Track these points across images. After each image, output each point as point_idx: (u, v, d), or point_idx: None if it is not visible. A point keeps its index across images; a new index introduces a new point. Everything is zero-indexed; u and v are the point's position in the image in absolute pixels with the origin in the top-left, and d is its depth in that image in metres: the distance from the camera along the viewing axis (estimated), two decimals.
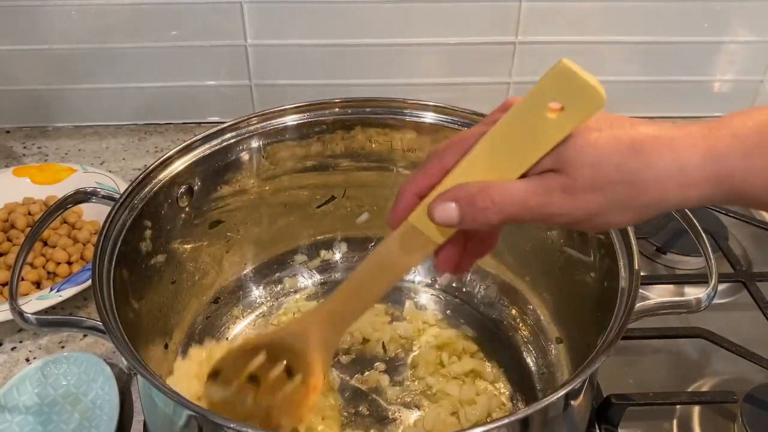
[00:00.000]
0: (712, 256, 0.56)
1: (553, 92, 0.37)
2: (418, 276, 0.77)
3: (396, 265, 0.47)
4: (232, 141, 0.68)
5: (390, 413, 0.63)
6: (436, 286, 0.76)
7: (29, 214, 0.83)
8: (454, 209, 0.41)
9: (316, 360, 0.52)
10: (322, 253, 0.78)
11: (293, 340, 0.53)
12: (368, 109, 0.71)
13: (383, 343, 0.69)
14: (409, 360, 0.68)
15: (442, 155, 0.42)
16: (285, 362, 0.53)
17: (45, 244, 0.79)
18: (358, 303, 0.50)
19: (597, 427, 0.61)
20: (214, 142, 0.67)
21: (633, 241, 0.56)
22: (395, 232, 0.45)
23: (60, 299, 0.71)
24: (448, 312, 0.73)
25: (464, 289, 0.75)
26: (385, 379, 0.66)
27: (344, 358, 0.68)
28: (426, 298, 0.75)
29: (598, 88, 0.37)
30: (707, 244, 0.57)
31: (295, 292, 0.76)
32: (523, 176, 0.40)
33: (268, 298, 0.75)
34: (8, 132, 1.04)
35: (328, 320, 0.51)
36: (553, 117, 0.38)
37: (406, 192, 0.44)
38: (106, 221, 0.57)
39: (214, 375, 0.54)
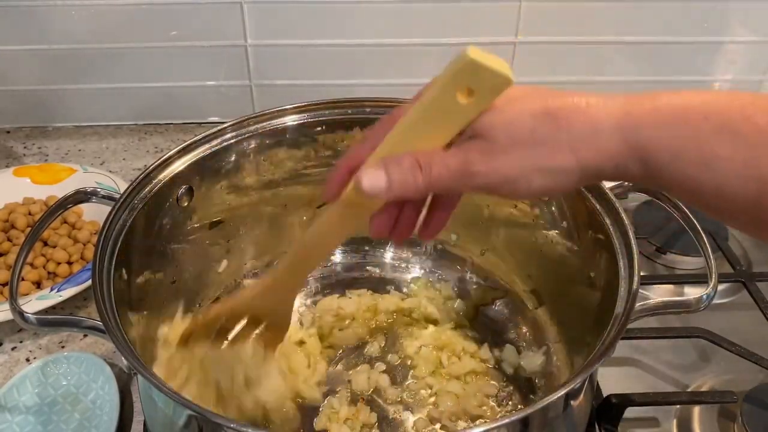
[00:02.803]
0: (712, 256, 0.56)
1: (461, 82, 0.39)
2: (415, 274, 0.77)
3: (334, 233, 0.51)
4: (232, 141, 0.68)
5: (390, 413, 0.63)
6: (436, 287, 0.76)
7: (29, 214, 0.83)
8: (381, 175, 0.42)
9: (276, 312, 0.58)
10: None
11: (251, 303, 0.57)
12: (368, 109, 0.71)
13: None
14: (409, 361, 0.68)
15: (373, 133, 0.45)
16: (247, 317, 0.58)
17: (45, 244, 0.79)
18: (304, 266, 0.55)
19: (597, 427, 0.61)
20: (214, 142, 0.67)
21: (633, 241, 0.56)
22: (332, 205, 0.48)
23: (60, 299, 0.71)
24: (447, 310, 0.73)
25: (463, 288, 0.75)
26: (385, 380, 0.66)
27: (345, 359, 0.68)
28: (425, 297, 0.75)
29: (503, 72, 0.39)
30: (707, 244, 0.57)
31: None
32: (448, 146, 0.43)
33: None
34: (8, 132, 1.04)
35: (279, 284, 0.56)
36: (464, 102, 0.40)
37: (339, 167, 0.47)
38: (106, 221, 0.57)
39: (184, 341, 0.58)
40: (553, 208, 0.67)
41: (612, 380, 0.66)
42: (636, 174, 0.41)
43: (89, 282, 0.65)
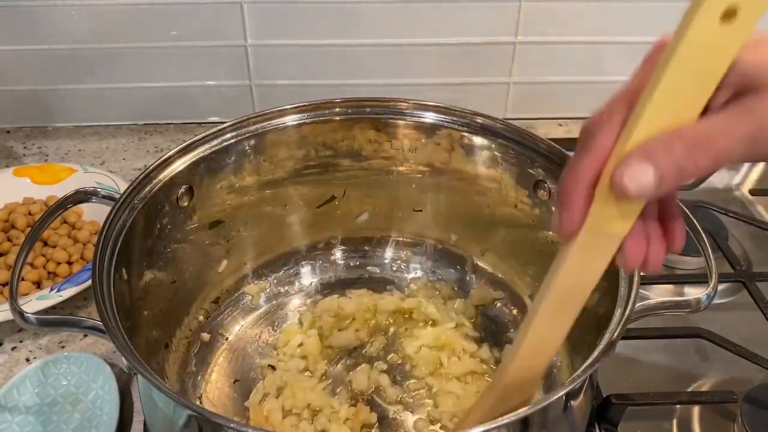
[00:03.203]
0: (712, 256, 0.56)
1: (716, 5, 0.31)
2: (415, 274, 0.77)
3: (581, 284, 0.40)
4: (232, 141, 0.68)
5: (390, 413, 0.63)
6: (436, 287, 0.76)
7: (29, 214, 0.83)
8: (648, 171, 0.32)
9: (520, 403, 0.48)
10: (322, 253, 0.78)
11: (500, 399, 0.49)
12: (368, 109, 0.71)
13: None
14: (409, 361, 0.68)
15: (602, 125, 0.35)
16: None
17: (45, 244, 0.79)
18: (548, 347, 0.45)
19: (597, 427, 0.61)
20: (214, 142, 0.67)
21: None
22: (570, 246, 0.38)
23: (60, 299, 0.71)
24: (447, 310, 0.73)
25: (463, 288, 0.75)
26: (385, 380, 0.66)
27: (345, 359, 0.68)
28: (425, 297, 0.75)
29: None
30: (707, 244, 0.57)
31: (296, 292, 0.76)
32: (705, 113, 0.33)
33: (269, 299, 0.75)
34: (8, 132, 1.04)
35: (518, 383, 0.47)
36: (727, 27, 0.31)
37: (576, 188, 0.35)
38: (106, 221, 0.57)
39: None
40: (554, 208, 0.67)
41: (612, 380, 0.66)
42: None
43: (89, 282, 0.65)
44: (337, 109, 0.71)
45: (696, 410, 0.64)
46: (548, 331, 0.44)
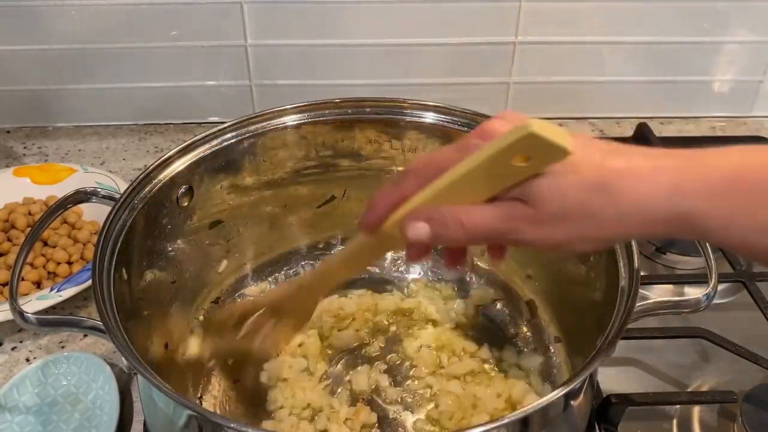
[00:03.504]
0: (712, 256, 0.56)
1: (519, 150, 0.39)
2: (415, 274, 0.77)
3: (365, 257, 0.56)
4: (232, 141, 0.68)
5: (390, 413, 0.63)
6: (437, 287, 0.76)
7: (29, 214, 0.83)
8: (425, 229, 0.44)
9: (296, 314, 0.63)
10: (322, 253, 0.78)
11: (274, 301, 0.63)
12: (368, 109, 0.71)
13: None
14: (409, 361, 0.68)
15: (417, 175, 0.45)
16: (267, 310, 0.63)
17: (45, 244, 0.79)
18: (326, 283, 0.60)
19: (597, 427, 0.62)
20: (214, 142, 0.67)
21: (633, 241, 0.56)
22: (366, 235, 0.50)
23: (60, 299, 0.71)
24: (447, 310, 0.73)
25: (463, 288, 0.75)
26: (385, 380, 0.66)
27: (345, 359, 0.68)
28: (425, 297, 0.75)
29: (563, 145, 0.38)
30: (707, 244, 0.57)
31: None
32: (493, 199, 0.43)
33: None
34: (8, 132, 1.04)
35: (304, 290, 0.61)
36: (519, 165, 0.40)
37: (380, 203, 0.47)
38: (106, 221, 0.57)
39: (207, 330, 0.68)
40: None
41: (612, 380, 0.66)
42: (685, 235, 0.42)
43: (89, 282, 0.65)
44: (337, 109, 0.71)
45: (696, 410, 0.64)
46: (329, 275, 0.59)
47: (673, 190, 0.40)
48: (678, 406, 0.65)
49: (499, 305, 0.74)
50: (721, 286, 0.75)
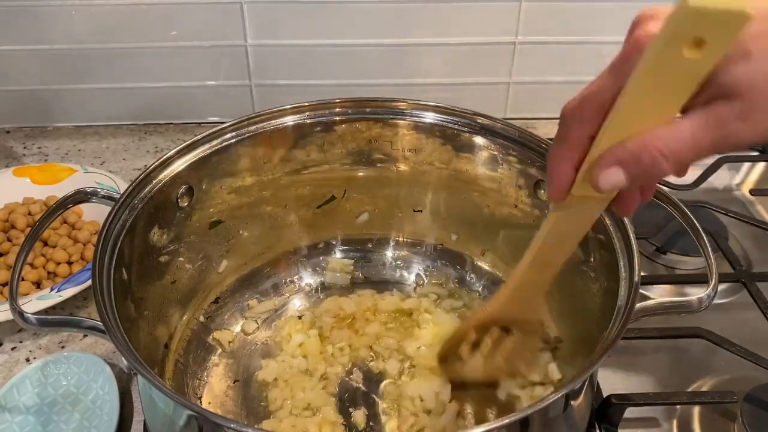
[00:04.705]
0: (712, 256, 0.56)
1: (686, 35, 0.33)
2: (415, 274, 0.77)
3: (572, 234, 0.49)
4: (232, 141, 0.68)
5: (390, 413, 0.63)
6: (437, 287, 0.76)
7: (29, 214, 0.83)
8: (619, 173, 0.38)
9: (525, 317, 0.57)
10: (323, 253, 0.78)
11: (497, 316, 0.57)
12: (368, 109, 0.71)
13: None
14: (409, 361, 0.68)
15: (581, 121, 0.40)
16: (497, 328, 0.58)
17: (45, 244, 0.79)
18: (543, 274, 0.53)
19: (597, 427, 0.61)
20: (214, 142, 0.67)
21: (633, 241, 0.56)
22: (558, 206, 0.45)
23: (60, 299, 0.71)
24: (447, 310, 0.73)
25: (463, 288, 0.75)
26: (384, 380, 0.66)
27: (344, 359, 0.68)
28: (425, 297, 0.74)
29: (737, 8, 0.32)
30: (707, 244, 0.57)
31: (296, 292, 0.76)
32: (684, 110, 0.37)
33: (269, 298, 0.75)
34: (8, 132, 1.04)
35: (525, 285, 0.54)
36: (694, 57, 0.34)
37: (558, 169, 0.42)
38: (106, 221, 0.57)
39: (443, 359, 0.62)
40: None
41: (612, 380, 0.66)
42: None
43: (89, 282, 0.65)
44: (337, 109, 0.71)
45: (696, 410, 0.64)
46: (537, 274, 0.53)
47: None
48: (678, 406, 0.64)
49: None
50: (721, 286, 0.75)
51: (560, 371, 0.63)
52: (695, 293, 0.54)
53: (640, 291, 0.53)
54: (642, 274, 0.54)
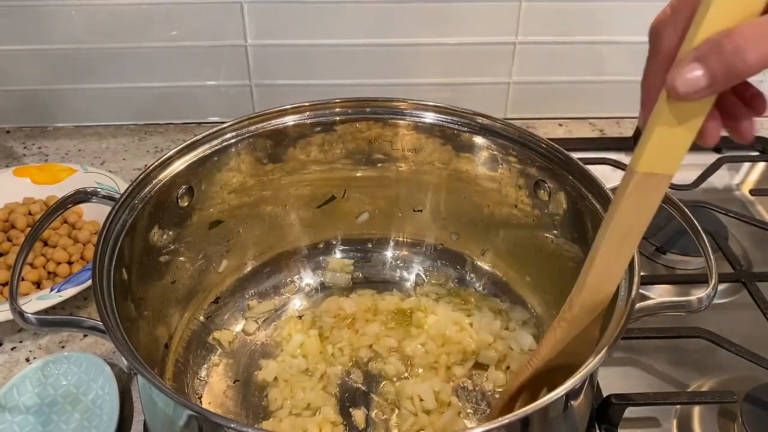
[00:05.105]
0: (712, 256, 0.56)
1: None
2: (415, 274, 0.77)
3: (634, 225, 0.45)
4: (232, 141, 0.68)
5: (390, 413, 0.63)
6: (437, 287, 0.76)
7: (29, 214, 0.83)
8: (698, 69, 0.34)
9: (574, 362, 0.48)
10: (323, 253, 0.78)
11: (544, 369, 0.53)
12: (368, 109, 0.71)
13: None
14: (408, 362, 0.68)
15: (674, 26, 0.37)
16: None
17: (45, 244, 0.79)
18: (599, 294, 0.49)
19: (597, 427, 0.61)
20: (214, 142, 0.67)
21: None
22: (630, 181, 0.41)
23: (60, 299, 0.71)
24: (447, 310, 0.73)
25: (463, 288, 0.75)
26: (384, 379, 0.66)
27: (344, 359, 0.68)
28: (426, 297, 0.74)
29: None
30: (707, 244, 0.57)
31: (296, 292, 0.76)
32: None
33: (269, 298, 0.75)
34: (8, 132, 1.04)
35: (573, 331, 0.50)
36: None
37: (656, 83, 0.39)
38: (106, 221, 0.57)
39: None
40: (554, 209, 0.67)
41: (612, 380, 0.66)
42: None
43: (89, 282, 0.65)
44: (337, 109, 0.71)
45: (696, 410, 0.64)
46: (614, 258, 0.47)
47: None
48: (678, 406, 0.64)
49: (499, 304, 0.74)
50: (721, 286, 0.75)
51: None
52: (695, 293, 0.54)
53: (640, 291, 0.53)
54: (642, 274, 0.54)
